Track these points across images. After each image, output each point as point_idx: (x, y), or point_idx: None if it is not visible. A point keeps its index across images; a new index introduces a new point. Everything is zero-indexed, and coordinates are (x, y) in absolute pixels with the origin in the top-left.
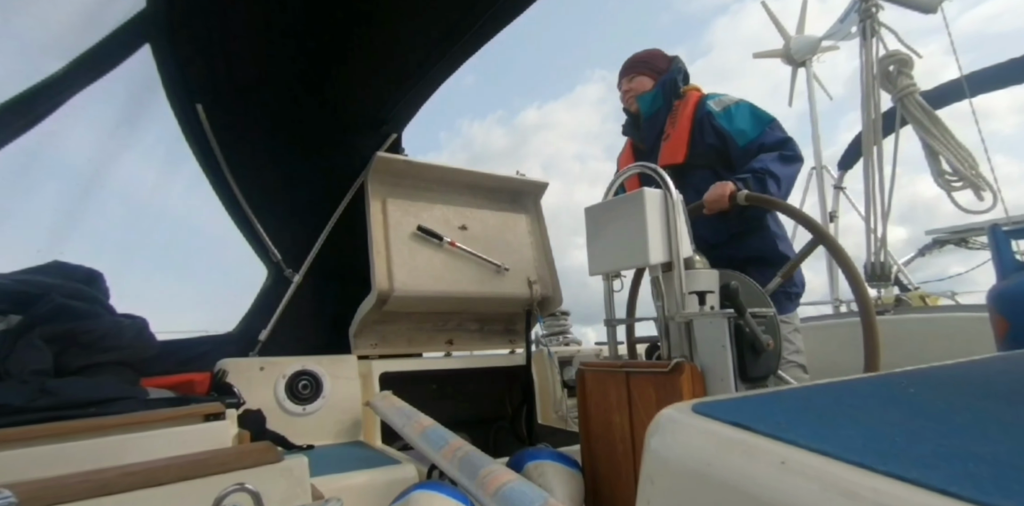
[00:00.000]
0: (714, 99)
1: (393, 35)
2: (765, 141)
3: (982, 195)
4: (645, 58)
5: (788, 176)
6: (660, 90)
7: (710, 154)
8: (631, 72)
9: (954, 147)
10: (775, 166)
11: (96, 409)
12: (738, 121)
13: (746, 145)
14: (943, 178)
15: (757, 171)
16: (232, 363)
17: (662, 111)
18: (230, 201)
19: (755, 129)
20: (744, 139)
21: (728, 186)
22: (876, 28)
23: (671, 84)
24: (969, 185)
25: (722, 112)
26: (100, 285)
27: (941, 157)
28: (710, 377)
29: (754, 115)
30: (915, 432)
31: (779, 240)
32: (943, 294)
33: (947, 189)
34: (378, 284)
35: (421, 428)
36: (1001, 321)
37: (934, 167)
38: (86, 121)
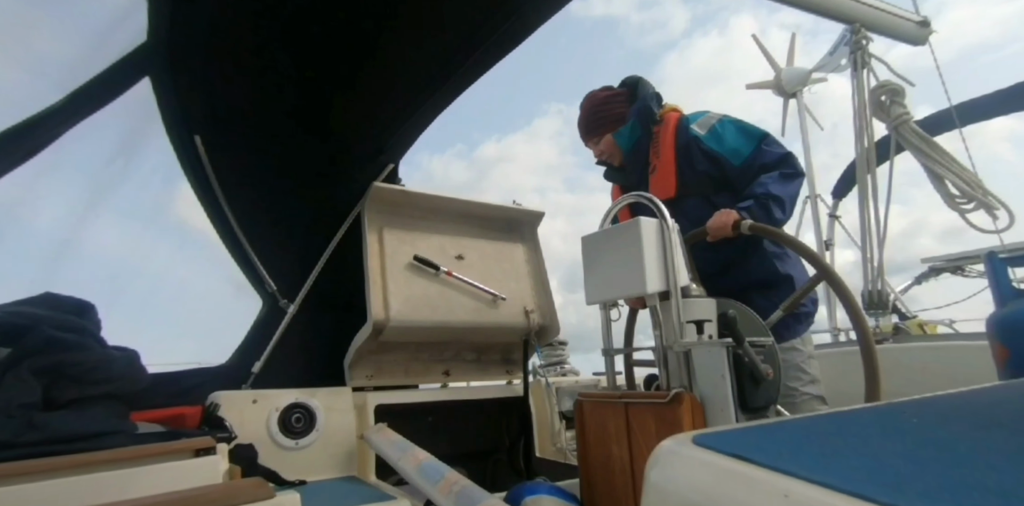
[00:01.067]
0: (696, 121)
1: (391, 66)
2: (765, 160)
3: (995, 214)
4: (599, 114)
5: (791, 195)
6: (636, 120)
7: (703, 182)
8: (594, 134)
9: (957, 169)
10: (777, 188)
11: (84, 444)
12: (729, 140)
13: (743, 164)
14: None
15: (760, 196)
16: (224, 396)
17: (643, 140)
18: (226, 231)
19: (748, 145)
20: (739, 158)
21: (732, 214)
22: (867, 59)
23: (646, 112)
24: (981, 206)
25: (708, 134)
26: (91, 317)
27: (947, 180)
28: (710, 407)
29: (743, 131)
30: (919, 463)
31: (778, 260)
32: (941, 322)
33: (959, 211)
34: (374, 314)
35: (417, 462)
36: (1001, 349)
37: (942, 191)
38: (83, 152)
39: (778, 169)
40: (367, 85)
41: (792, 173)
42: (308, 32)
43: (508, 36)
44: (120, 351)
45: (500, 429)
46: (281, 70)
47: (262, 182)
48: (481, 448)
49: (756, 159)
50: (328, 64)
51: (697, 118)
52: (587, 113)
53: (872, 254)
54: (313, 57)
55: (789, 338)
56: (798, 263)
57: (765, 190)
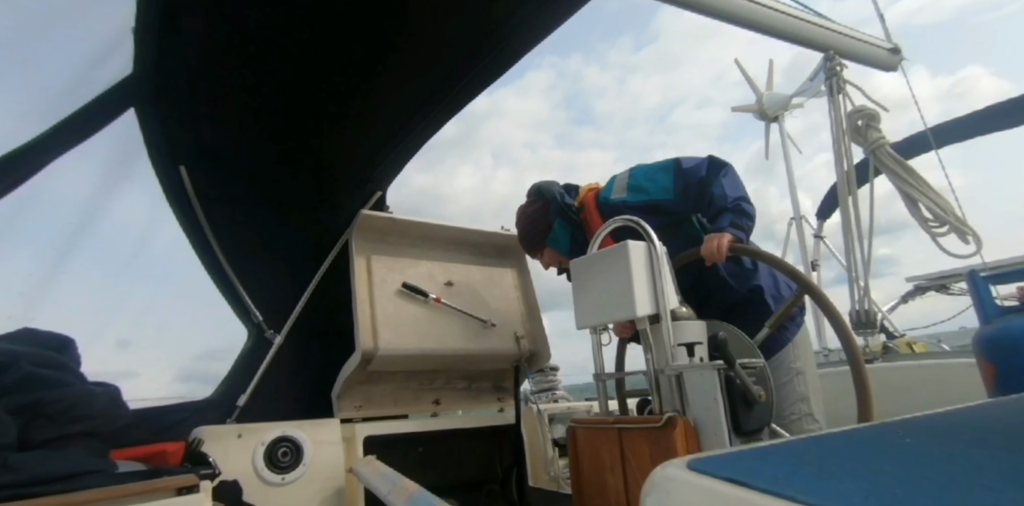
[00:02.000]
0: (611, 190)
1: (378, 97)
2: (699, 175)
3: (967, 239)
4: (529, 235)
5: (742, 186)
6: (559, 221)
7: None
8: (534, 253)
9: (931, 194)
10: (731, 189)
11: (62, 485)
12: (649, 186)
13: (676, 196)
14: (926, 224)
15: (730, 206)
16: (208, 431)
17: (576, 235)
18: (211, 262)
19: (667, 177)
20: (670, 193)
21: (725, 236)
22: (842, 85)
23: (562, 208)
24: (953, 230)
25: (629, 194)
26: (71, 352)
27: (920, 204)
28: (703, 431)
29: (655, 169)
30: (915, 483)
31: (737, 278)
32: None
33: (931, 235)
34: (362, 343)
35: (407, 495)
36: (988, 366)
37: (916, 214)
38: (67, 184)
39: (714, 174)
40: (354, 115)
41: (726, 171)
42: (295, 63)
43: (492, 67)
44: (101, 387)
45: (492, 458)
46: (267, 101)
47: (248, 212)
48: (473, 478)
49: (686, 181)
50: (315, 95)
51: (611, 187)
52: (522, 234)
53: (858, 274)
54: (300, 88)
55: (777, 349)
56: (759, 273)
57: (728, 198)
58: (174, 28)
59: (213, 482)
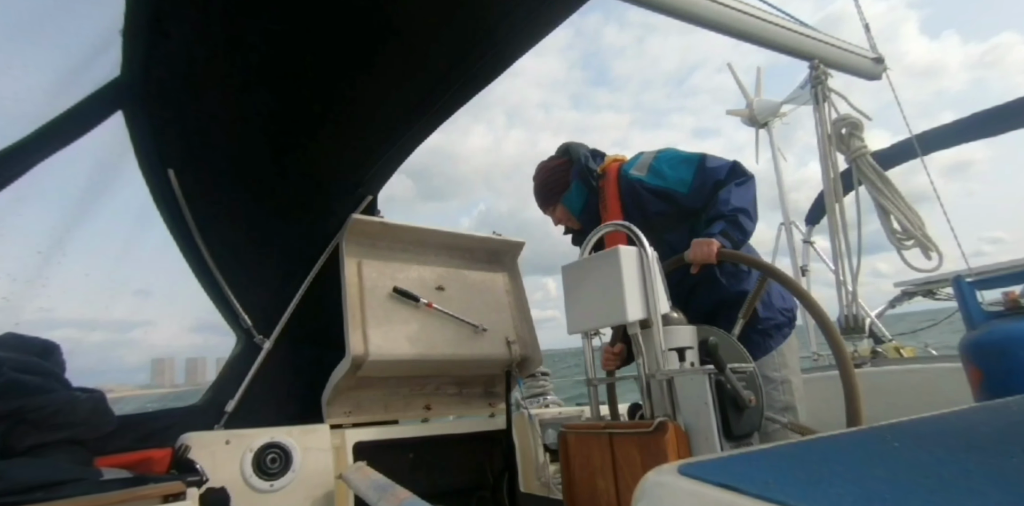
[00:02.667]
0: (633, 165)
1: (369, 101)
2: (717, 177)
3: (930, 254)
4: (546, 187)
5: (752, 200)
6: (578, 181)
7: (656, 222)
8: (547, 206)
9: (903, 207)
10: (738, 199)
11: (44, 494)
12: (668, 173)
13: (691, 190)
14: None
15: (727, 215)
16: (195, 437)
17: (590, 199)
18: (200, 266)
19: (688, 171)
20: (685, 186)
21: (713, 243)
22: (827, 94)
23: (584, 171)
24: (918, 244)
25: (648, 174)
26: (56, 357)
27: (892, 216)
28: (694, 436)
29: (681, 160)
30: (903, 488)
31: (730, 279)
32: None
33: (898, 246)
34: (353, 348)
35: (398, 501)
36: (975, 371)
37: (886, 225)
38: (53, 186)
39: (729, 180)
40: (345, 119)
41: (744, 181)
42: (285, 67)
43: (485, 70)
44: (86, 393)
45: (483, 464)
46: (257, 105)
47: (237, 216)
48: (464, 484)
49: (704, 179)
50: (305, 99)
51: (634, 162)
52: (538, 187)
53: (846, 279)
54: (290, 91)
55: (759, 355)
56: (752, 278)
57: (729, 206)
58: (163, 31)
59: (200, 489)
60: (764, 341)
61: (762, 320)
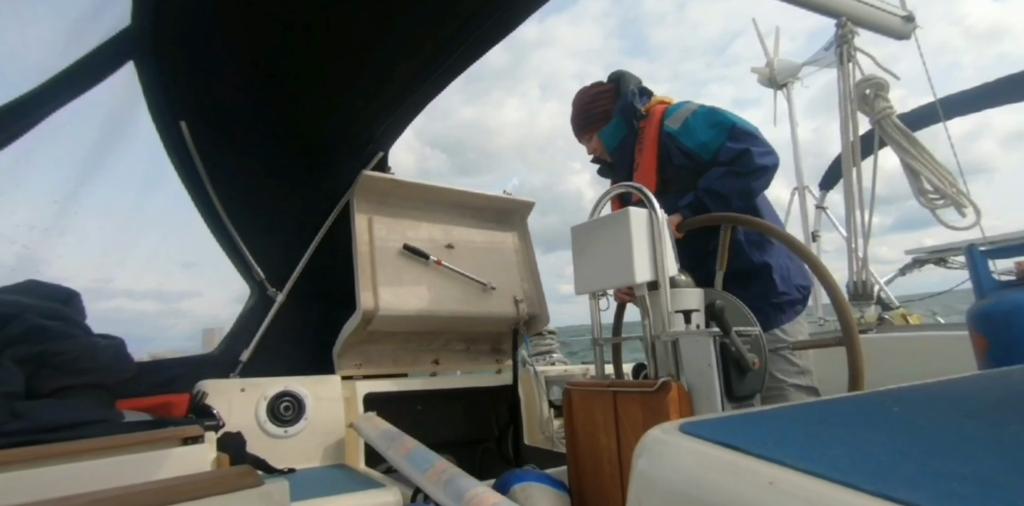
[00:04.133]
0: (672, 115)
1: (381, 55)
2: (722, 157)
3: (964, 212)
4: (588, 112)
5: (738, 190)
6: (619, 118)
7: (683, 176)
8: (585, 133)
9: (933, 166)
10: (719, 184)
11: (69, 433)
12: (698, 134)
13: (713, 158)
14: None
15: (700, 192)
16: (212, 384)
17: (628, 139)
18: (213, 219)
19: (716, 139)
20: (709, 152)
21: (671, 221)
22: (852, 53)
23: (628, 109)
24: (951, 203)
25: (680, 129)
26: (76, 305)
27: (922, 176)
28: (697, 396)
29: (713, 123)
30: (900, 451)
31: (756, 249)
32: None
33: (930, 207)
34: (363, 303)
35: (406, 450)
36: (980, 339)
37: (915, 186)
38: (66, 137)
39: (733, 164)
40: (356, 74)
41: (743, 172)
42: (297, 20)
43: (498, 25)
44: (106, 339)
45: (489, 417)
46: (269, 58)
47: (250, 170)
48: (470, 436)
49: (721, 156)
50: (317, 53)
51: (675, 111)
52: (576, 112)
53: (857, 245)
54: (301, 45)
55: (771, 328)
56: (778, 251)
57: (707, 185)
58: None
59: (217, 433)
60: (775, 315)
61: (779, 294)
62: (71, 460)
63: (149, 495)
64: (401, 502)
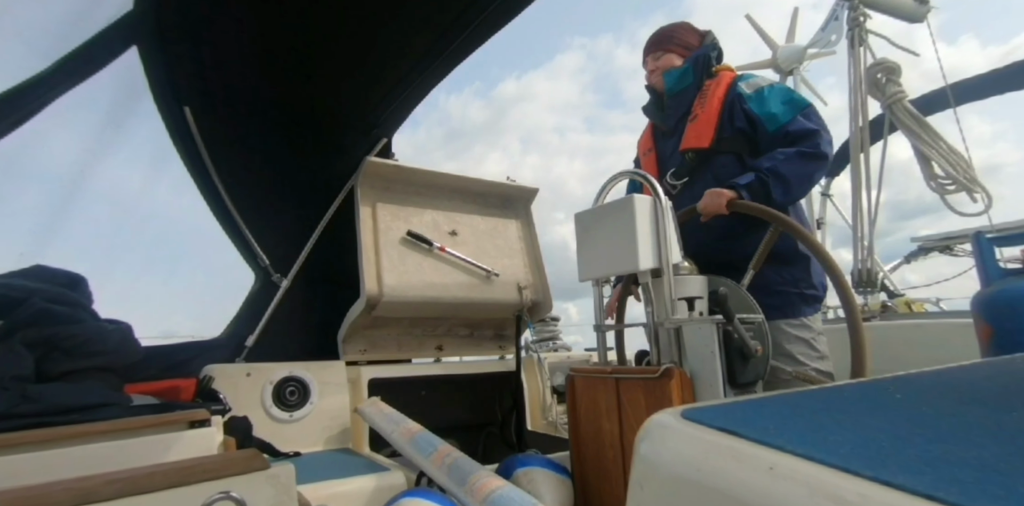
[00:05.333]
0: (746, 81)
1: (385, 40)
2: (791, 129)
3: (976, 197)
4: (673, 33)
5: (802, 175)
6: (691, 66)
7: (738, 139)
8: (657, 49)
9: (945, 151)
10: (785, 166)
11: (79, 415)
12: (770, 104)
13: (775, 130)
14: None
15: (763, 172)
16: (218, 369)
17: (690, 89)
18: (217, 204)
19: (787, 114)
20: (775, 124)
21: (725, 194)
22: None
23: (704, 60)
24: (963, 188)
25: (753, 94)
26: (83, 289)
27: (933, 162)
28: (699, 383)
29: (788, 99)
30: (902, 437)
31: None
32: (928, 300)
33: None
34: (367, 289)
35: (410, 434)
36: (985, 327)
37: (926, 171)
38: (71, 123)
39: (798, 145)
40: (360, 60)
41: (812, 154)
42: (300, 4)
43: (503, 10)
44: (113, 324)
45: (492, 403)
46: (271, 43)
47: (254, 155)
48: (474, 421)
49: (786, 129)
50: (320, 38)
51: (748, 78)
52: (661, 30)
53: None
54: (305, 31)
55: (797, 316)
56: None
57: (772, 165)
58: None
59: (224, 417)
60: (801, 304)
61: (810, 285)
62: (81, 442)
63: (159, 477)
64: (405, 485)
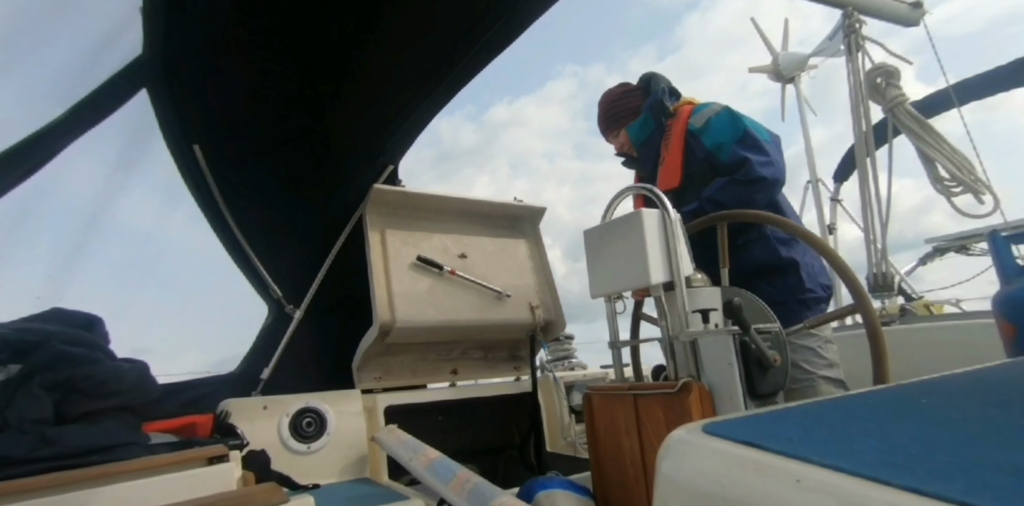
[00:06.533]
0: (697, 113)
1: (387, 69)
2: (725, 161)
3: (982, 199)
4: (614, 109)
5: (739, 198)
6: (649, 114)
7: (704, 171)
8: (612, 129)
9: (949, 153)
10: (720, 193)
11: (98, 457)
12: (716, 134)
13: (728, 159)
14: (941, 184)
15: (704, 200)
16: (235, 403)
17: (655, 134)
18: (229, 239)
19: (730, 142)
20: (725, 153)
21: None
22: (860, 43)
23: (658, 106)
24: (968, 190)
25: (702, 127)
26: (99, 330)
27: (937, 164)
28: (718, 396)
29: (732, 126)
30: (930, 443)
31: (783, 245)
32: (947, 302)
33: (946, 195)
34: (380, 316)
35: (428, 461)
36: (1007, 326)
37: (931, 173)
38: (84, 166)
39: (732, 174)
40: (363, 88)
41: (743, 181)
42: (302, 39)
43: (502, 35)
44: (129, 363)
45: (510, 425)
46: (276, 77)
47: (263, 189)
48: (492, 445)
49: (725, 159)
50: (323, 70)
51: (700, 110)
52: (604, 109)
53: (875, 235)
54: (308, 63)
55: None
56: (804, 249)
57: (708, 194)
58: (179, 5)
59: (242, 452)
60: (801, 311)
61: (804, 290)
62: (102, 484)
63: None
64: None
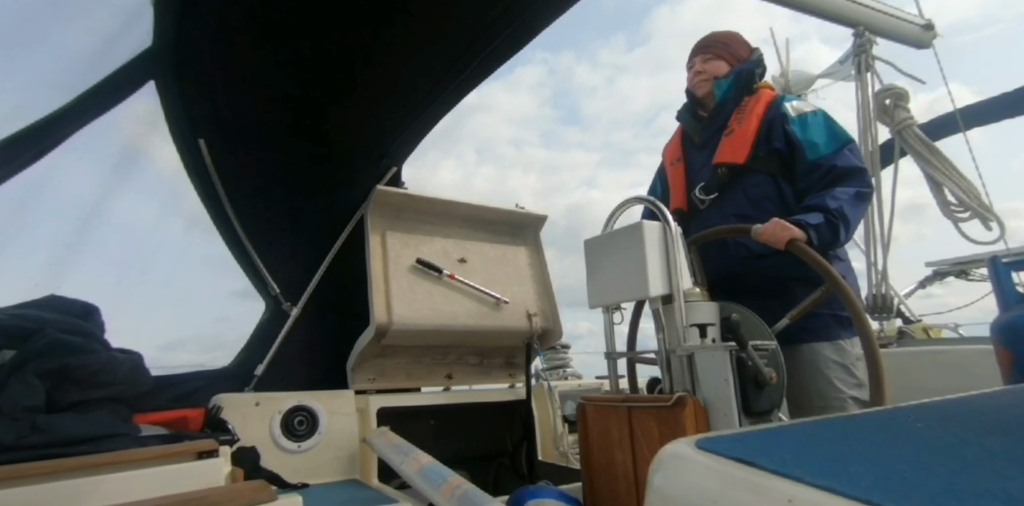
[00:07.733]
0: (790, 102)
1: (394, 71)
2: (838, 164)
3: (990, 225)
4: (728, 40)
5: (859, 216)
6: (734, 80)
7: (773, 159)
8: (707, 52)
9: (956, 178)
10: (851, 209)
11: (88, 447)
12: (812, 132)
13: (816, 160)
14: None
15: (832, 213)
16: (227, 399)
17: (729, 103)
18: (230, 235)
19: (829, 145)
20: (815, 153)
21: (791, 231)
22: (871, 63)
23: (747, 76)
24: (976, 215)
25: (797, 118)
26: (96, 319)
27: (945, 188)
28: (713, 411)
29: (830, 129)
30: (925, 468)
31: (834, 259)
32: (946, 326)
33: (953, 220)
34: (377, 317)
35: (419, 465)
36: (1005, 353)
37: (939, 198)
38: (89, 155)
39: (854, 183)
40: (370, 90)
41: (867, 194)
42: (312, 37)
43: (512, 41)
44: (124, 354)
45: (503, 433)
46: (284, 76)
47: (266, 186)
48: (484, 452)
49: (831, 162)
50: (331, 70)
51: (793, 100)
52: (717, 34)
53: (876, 258)
54: (316, 63)
55: (833, 338)
56: (852, 271)
57: (839, 206)
58: (192, 0)
59: (232, 448)
60: (838, 327)
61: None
62: (90, 473)
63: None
64: None
